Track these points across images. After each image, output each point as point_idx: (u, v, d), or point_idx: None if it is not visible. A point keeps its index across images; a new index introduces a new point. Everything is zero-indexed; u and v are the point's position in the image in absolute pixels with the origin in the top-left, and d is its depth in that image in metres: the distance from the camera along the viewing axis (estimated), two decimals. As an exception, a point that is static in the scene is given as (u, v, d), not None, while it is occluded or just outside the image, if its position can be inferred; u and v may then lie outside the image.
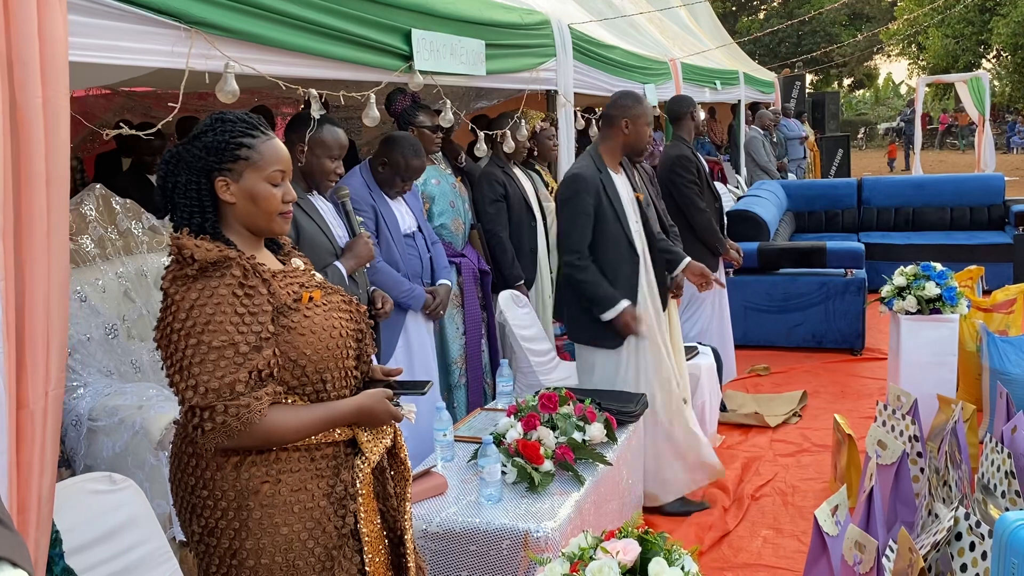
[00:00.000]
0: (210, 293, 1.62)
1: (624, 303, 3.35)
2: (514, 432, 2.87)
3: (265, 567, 1.68)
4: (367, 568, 1.80)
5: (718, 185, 6.94)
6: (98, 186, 3.21)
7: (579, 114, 5.41)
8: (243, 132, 1.72)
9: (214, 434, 1.60)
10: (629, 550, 1.81)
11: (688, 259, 3.83)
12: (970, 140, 23.61)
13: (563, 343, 4.73)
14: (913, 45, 28.71)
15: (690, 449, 3.61)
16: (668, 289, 3.76)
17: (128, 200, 3.28)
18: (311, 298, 1.78)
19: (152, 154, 4.53)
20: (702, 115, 4.91)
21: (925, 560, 2.05)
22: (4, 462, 1.60)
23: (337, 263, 2.91)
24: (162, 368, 1.66)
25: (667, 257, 3.81)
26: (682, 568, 1.78)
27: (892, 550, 2.41)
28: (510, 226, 4.38)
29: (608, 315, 3.35)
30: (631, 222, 3.47)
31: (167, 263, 1.68)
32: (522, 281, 4.38)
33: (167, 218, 1.77)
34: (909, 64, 31.58)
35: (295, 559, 1.70)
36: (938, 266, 4.16)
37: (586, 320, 3.44)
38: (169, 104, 2.34)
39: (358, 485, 1.78)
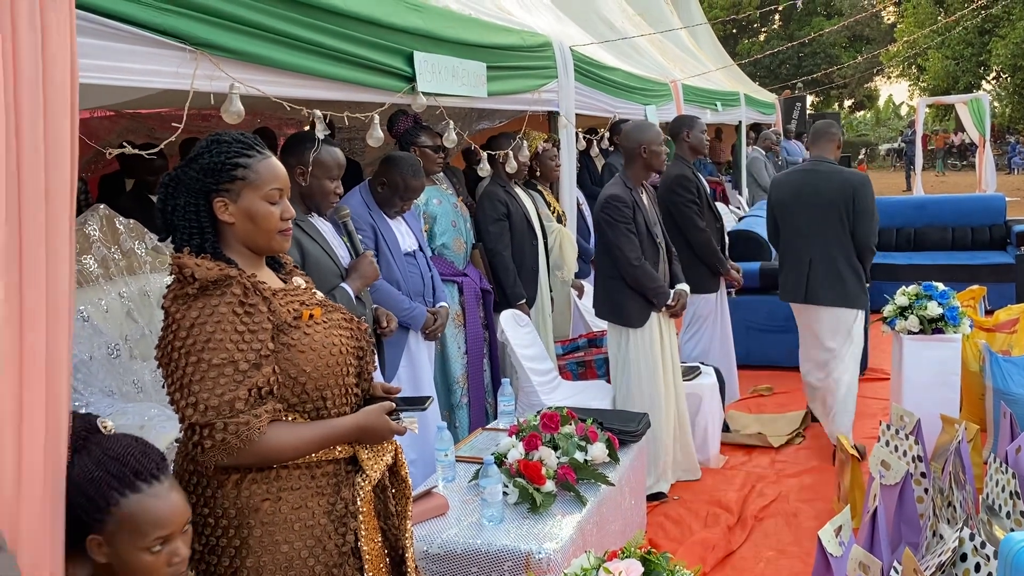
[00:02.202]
0: (210, 311, 1.63)
1: None
2: (516, 452, 2.86)
3: (265, 585, 1.68)
4: (368, 587, 1.79)
5: (720, 205, 6.97)
6: (102, 206, 3.22)
7: (581, 135, 5.44)
8: (239, 152, 1.73)
9: (214, 451, 1.61)
10: (632, 570, 1.80)
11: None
12: (967, 162, 23.68)
13: (565, 363, 4.72)
14: (913, 67, 28.89)
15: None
16: None
17: (131, 220, 3.29)
18: (311, 316, 1.79)
19: (155, 174, 4.55)
20: (702, 135, 4.90)
21: (930, 581, 2.03)
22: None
23: (344, 285, 2.92)
24: (163, 387, 1.67)
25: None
26: (684, 588, 1.77)
27: (897, 571, 2.39)
28: (512, 245, 4.39)
29: None
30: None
31: (169, 282, 1.69)
32: (524, 300, 4.39)
33: (169, 240, 1.78)
34: (909, 85, 31.75)
35: (295, 577, 1.70)
36: (940, 286, 4.16)
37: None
38: (173, 124, 2.35)
39: (359, 503, 1.78)
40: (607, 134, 6.18)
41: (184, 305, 1.64)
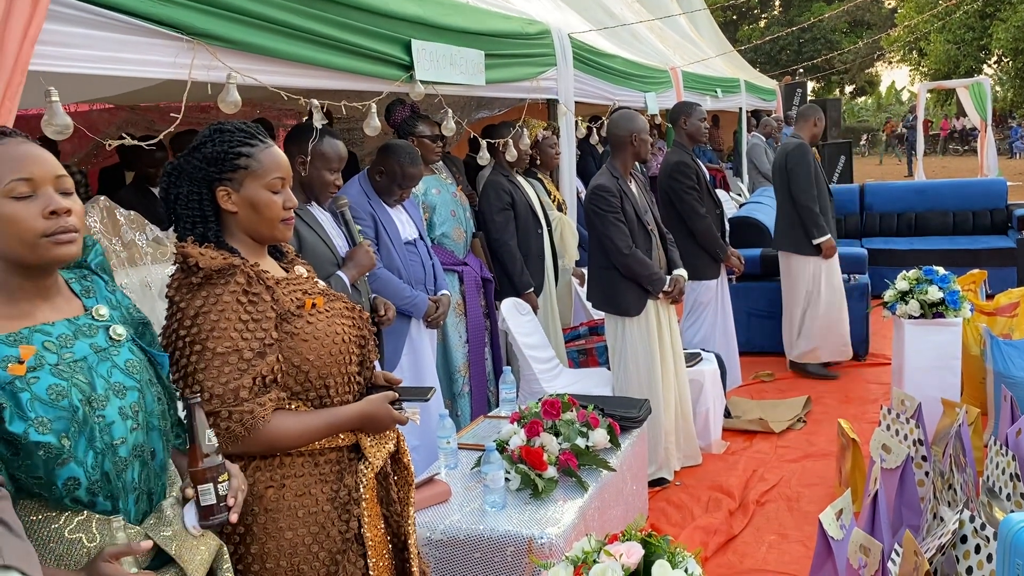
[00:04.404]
0: (215, 300, 1.64)
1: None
2: (517, 439, 2.88)
3: (270, 572, 1.69)
4: (371, 573, 1.80)
5: (720, 192, 6.95)
6: (102, 198, 3.22)
7: (580, 122, 5.43)
8: (241, 141, 1.73)
9: (219, 439, 1.61)
10: (632, 553, 1.81)
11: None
12: (969, 146, 23.60)
13: (566, 351, 4.73)
14: (914, 51, 28.76)
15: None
16: None
17: (132, 212, 3.30)
18: (314, 305, 1.80)
19: (155, 167, 4.55)
20: (701, 122, 4.89)
21: (930, 563, 2.04)
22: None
23: (340, 273, 2.92)
24: (167, 375, 1.67)
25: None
26: (685, 570, 1.78)
27: (897, 553, 2.40)
28: (518, 234, 4.39)
29: None
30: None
31: (171, 271, 1.70)
32: (532, 288, 4.39)
33: (171, 229, 1.78)
34: (910, 70, 31.62)
35: (299, 563, 1.71)
36: (940, 270, 4.16)
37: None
38: (171, 115, 2.36)
39: (361, 490, 1.79)
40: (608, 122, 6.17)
41: (188, 294, 1.65)
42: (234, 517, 1.46)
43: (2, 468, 1.29)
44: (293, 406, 1.74)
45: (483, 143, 4.29)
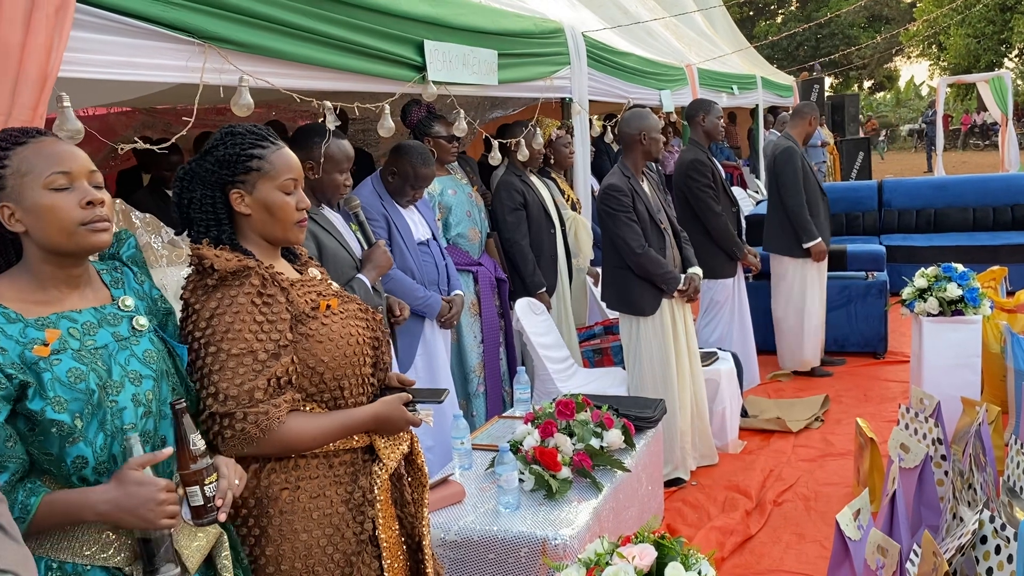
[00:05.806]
0: (229, 302, 1.64)
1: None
2: (531, 439, 2.87)
3: (285, 573, 1.70)
4: (386, 574, 1.81)
5: (736, 190, 6.91)
6: (118, 201, 3.25)
7: (594, 121, 5.42)
8: (253, 144, 1.74)
9: (234, 441, 1.62)
10: (646, 555, 1.80)
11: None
12: (990, 141, 23.34)
13: (581, 350, 4.72)
14: (933, 46, 28.49)
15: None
16: None
17: (148, 214, 3.32)
18: (328, 306, 1.80)
19: (170, 170, 4.59)
20: (718, 120, 4.87)
21: (950, 564, 2.02)
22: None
23: (360, 276, 2.92)
24: (184, 367, 1.68)
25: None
26: (699, 572, 1.77)
27: (916, 554, 2.37)
28: (530, 234, 4.39)
29: None
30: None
31: (187, 274, 1.71)
32: (544, 289, 4.38)
33: (185, 233, 1.79)
34: (930, 65, 31.32)
35: (314, 565, 1.71)
36: (959, 267, 4.11)
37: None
38: (184, 119, 2.37)
39: (376, 491, 1.79)
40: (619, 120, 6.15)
41: (204, 296, 1.66)
42: (222, 516, 1.51)
43: (16, 447, 1.37)
44: (307, 408, 1.74)
45: (494, 143, 4.29)
